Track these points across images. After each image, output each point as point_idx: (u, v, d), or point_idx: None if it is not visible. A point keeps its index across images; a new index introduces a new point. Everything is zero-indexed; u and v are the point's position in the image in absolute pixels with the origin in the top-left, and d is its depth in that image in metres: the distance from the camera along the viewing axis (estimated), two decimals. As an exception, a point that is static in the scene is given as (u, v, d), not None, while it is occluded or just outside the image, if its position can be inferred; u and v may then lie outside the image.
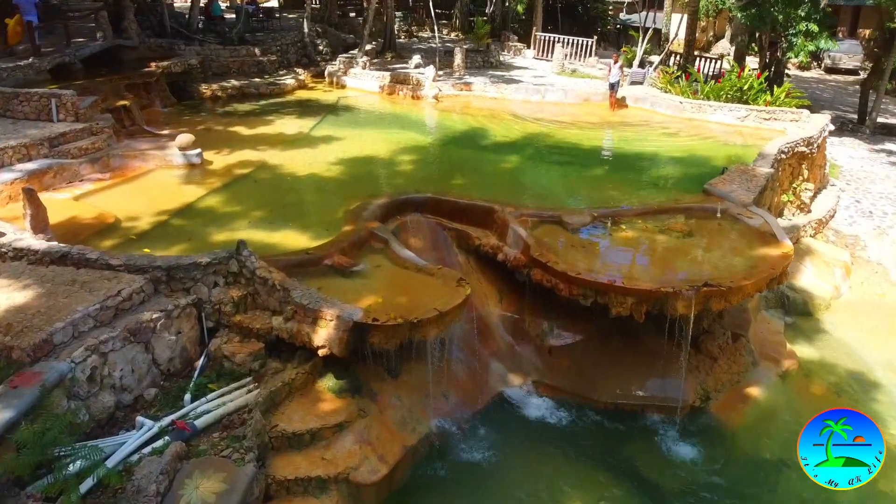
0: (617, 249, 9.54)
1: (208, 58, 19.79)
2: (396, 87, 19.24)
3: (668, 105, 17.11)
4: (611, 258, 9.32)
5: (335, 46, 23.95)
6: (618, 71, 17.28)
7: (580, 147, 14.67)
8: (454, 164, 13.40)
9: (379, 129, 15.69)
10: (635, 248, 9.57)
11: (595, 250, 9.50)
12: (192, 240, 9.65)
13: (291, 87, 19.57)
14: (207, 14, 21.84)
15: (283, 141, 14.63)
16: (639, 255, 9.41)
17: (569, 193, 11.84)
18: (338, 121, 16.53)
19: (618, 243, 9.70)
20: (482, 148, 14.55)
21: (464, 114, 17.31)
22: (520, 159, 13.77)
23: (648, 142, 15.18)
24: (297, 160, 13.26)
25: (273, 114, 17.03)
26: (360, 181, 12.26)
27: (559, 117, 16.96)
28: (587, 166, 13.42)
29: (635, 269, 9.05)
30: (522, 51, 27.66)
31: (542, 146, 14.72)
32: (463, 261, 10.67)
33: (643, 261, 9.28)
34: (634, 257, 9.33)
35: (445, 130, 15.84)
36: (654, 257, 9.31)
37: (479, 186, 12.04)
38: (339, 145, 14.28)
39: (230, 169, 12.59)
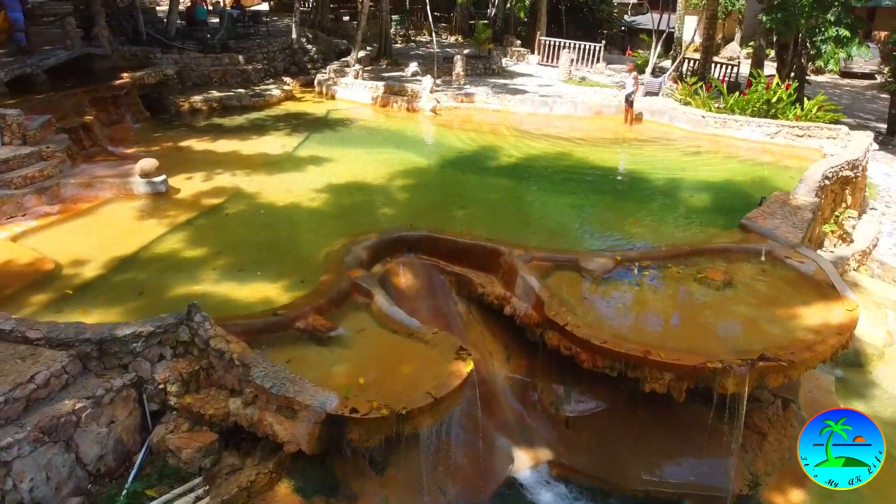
0: (646, 305, 8.02)
1: (187, 67, 18.30)
2: (390, 99, 17.74)
3: (689, 119, 15.59)
4: (639, 317, 7.80)
5: (327, 53, 22.46)
6: (633, 83, 15.77)
7: (594, 169, 13.16)
8: (453, 192, 11.88)
9: (370, 148, 14.18)
10: (668, 303, 8.05)
11: (621, 306, 7.98)
12: (145, 294, 8.14)
13: (278, 99, 18.07)
14: (190, 19, 20.33)
15: (263, 162, 13.13)
16: (673, 312, 7.89)
17: (584, 229, 10.32)
18: (325, 138, 15.02)
19: (647, 296, 8.18)
20: (484, 171, 13.03)
21: (464, 129, 15.80)
22: (527, 185, 12.26)
23: (669, 162, 13.66)
24: (276, 186, 11.76)
25: (255, 129, 15.54)
26: (345, 213, 10.77)
27: (569, 133, 15.46)
28: (603, 194, 11.90)
29: (669, 330, 7.55)
30: (526, 56, 26.19)
31: (552, 168, 13.21)
32: (463, 311, 9.20)
33: (678, 320, 7.77)
34: (668, 316, 7.82)
35: (444, 149, 14.33)
36: (691, 315, 7.79)
37: (482, 219, 10.54)
38: (325, 168, 12.79)
39: (199, 198, 11.08)
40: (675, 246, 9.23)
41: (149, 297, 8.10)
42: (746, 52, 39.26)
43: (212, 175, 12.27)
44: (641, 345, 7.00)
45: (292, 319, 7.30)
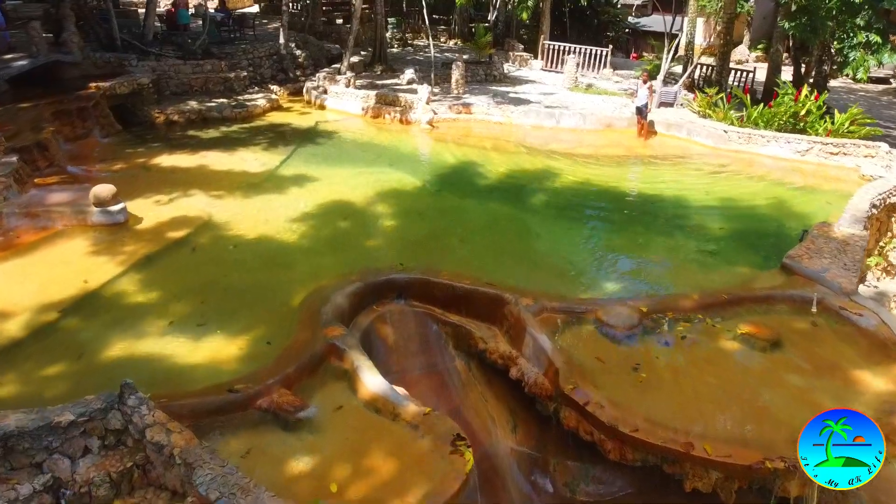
0: (680, 373, 6.70)
1: (165, 74, 16.99)
2: (382, 110, 16.42)
3: (709, 134, 14.27)
4: (674, 390, 6.48)
5: (317, 59, 21.15)
6: (646, 92, 14.46)
7: (607, 192, 11.85)
8: (450, 220, 10.56)
9: (359, 167, 12.87)
10: (707, 370, 6.74)
11: (650, 375, 6.66)
12: (85, 356, 6.84)
13: (262, 110, 16.75)
14: (172, 23, 19.00)
15: (240, 183, 11.82)
16: (713, 383, 6.57)
17: (600, 268, 9.00)
18: (311, 154, 13.71)
19: (680, 362, 6.87)
20: (485, 194, 11.72)
21: (463, 144, 14.48)
22: (533, 212, 10.96)
23: (689, 183, 12.35)
24: (252, 213, 10.45)
25: (235, 144, 14.22)
26: (328, 247, 9.46)
27: (578, 149, 14.15)
28: (619, 223, 10.59)
29: (711, 410, 6.22)
30: (529, 61, 24.87)
31: (560, 191, 11.91)
32: (461, 368, 7.91)
33: (721, 393, 6.45)
34: (708, 389, 6.50)
35: (440, 168, 13.01)
36: (736, 388, 6.48)
37: (483, 255, 9.24)
38: (308, 190, 11.48)
39: (164, 230, 9.76)
40: (709, 293, 7.91)
41: (88, 361, 6.80)
42: (755, 56, 38.08)
43: (182, 198, 10.98)
44: (680, 433, 5.69)
45: (253, 397, 5.99)
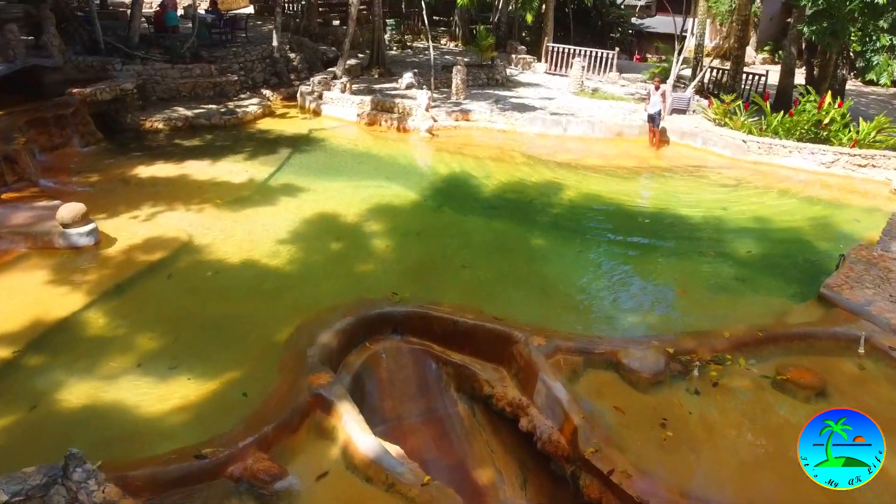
0: (716, 430, 5.87)
1: (152, 79, 16.17)
2: (379, 117, 15.59)
3: (727, 144, 13.44)
4: (711, 451, 5.64)
5: (312, 62, 20.32)
6: (659, 99, 13.61)
7: (620, 208, 11.02)
8: (451, 241, 9.72)
9: (354, 180, 12.04)
10: (745, 425, 5.91)
11: (683, 432, 5.82)
12: (39, 407, 6.03)
13: (253, 116, 15.91)
14: (160, 25, 18.16)
15: (226, 198, 10.99)
16: (754, 441, 5.74)
17: (617, 298, 8.15)
18: (303, 165, 12.88)
19: (715, 415, 6.04)
20: (489, 211, 10.88)
21: (464, 154, 13.64)
22: (541, 232, 10.13)
23: (707, 198, 11.53)
24: (236, 233, 9.63)
25: (223, 154, 13.37)
26: (318, 273, 8.64)
27: (587, 159, 13.32)
28: (634, 244, 9.77)
29: (755, 476, 5.39)
30: (532, 64, 24.03)
31: (570, 207, 11.08)
32: (464, 413, 7.12)
33: (763, 454, 5.62)
34: (750, 448, 5.66)
35: (440, 182, 12.16)
36: (780, 446, 5.64)
37: (487, 282, 8.42)
38: (298, 206, 10.65)
39: (138, 253, 8.93)
40: (742, 330, 7.08)
41: (43, 412, 6.00)
42: (762, 57, 37.28)
43: (162, 215, 10.17)
44: (724, 510, 4.86)
45: (224, 463, 5.17)
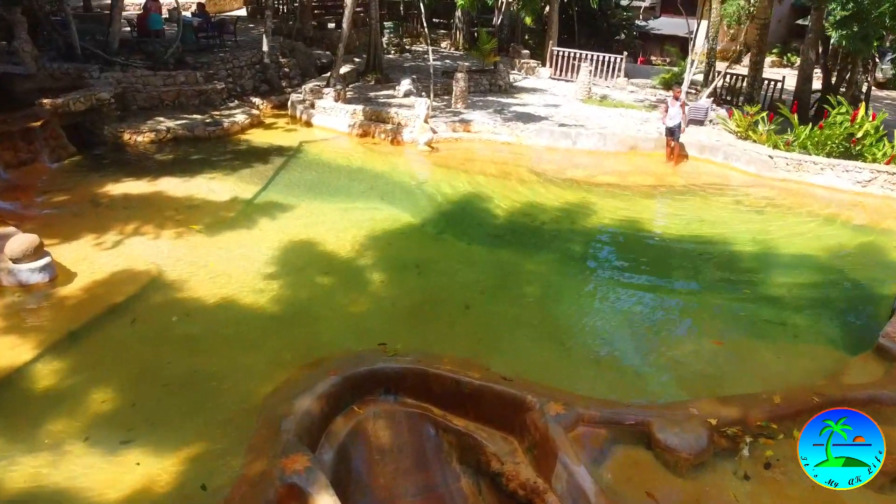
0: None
1: (132, 87, 15.13)
2: (372, 128, 14.56)
3: (751, 159, 12.41)
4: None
5: (306, 68, 19.28)
6: (679, 112, 12.57)
7: (638, 235, 9.99)
8: (453, 276, 8.69)
9: (347, 201, 11.02)
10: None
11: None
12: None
13: (240, 127, 14.86)
14: (143, 29, 17.11)
15: (205, 222, 9.97)
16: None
17: (643, 351, 7.11)
18: (291, 183, 11.85)
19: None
20: (495, 238, 9.85)
21: (466, 170, 12.60)
22: (553, 265, 9.08)
23: (735, 222, 10.51)
24: (213, 265, 8.60)
25: (205, 169, 12.33)
26: (302, 316, 7.62)
27: (599, 177, 12.29)
28: (657, 280, 8.75)
29: None
30: (536, 69, 23.02)
31: (583, 234, 10.05)
32: (468, 489, 6.13)
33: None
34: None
35: (441, 203, 11.11)
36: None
37: (495, 328, 7.39)
38: (285, 233, 9.62)
39: (99, 291, 7.90)
40: (794, 394, 6.05)
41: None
42: (771, 60, 36.29)
43: (132, 242, 9.16)
44: None
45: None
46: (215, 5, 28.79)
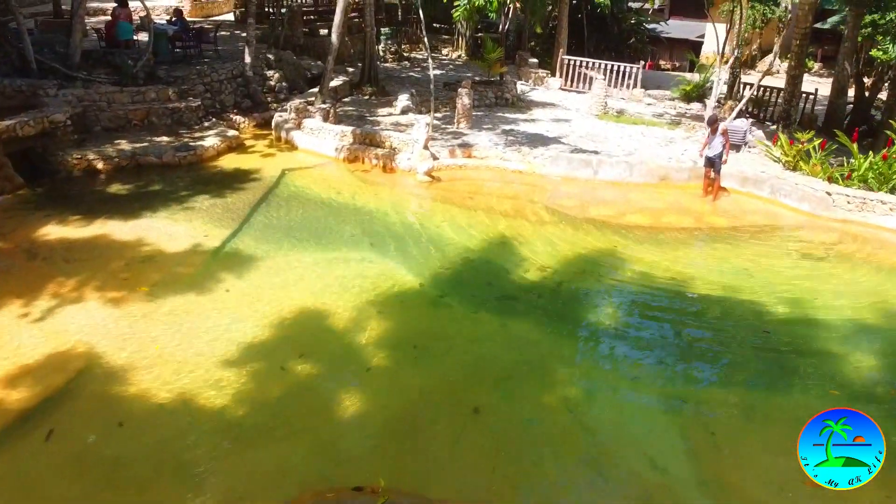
0: None
1: (95, 105, 13.42)
2: (363, 153, 12.84)
3: (804, 196, 10.69)
4: None
5: (294, 80, 17.55)
6: (721, 140, 10.81)
7: (681, 300, 8.26)
8: (457, 362, 6.97)
9: (331, 250, 9.33)
10: None
11: None
12: None
13: (216, 151, 13.13)
14: (110, 39, 15.37)
15: (161, 280, 8.28)
16: None
17: (709, 484, 5.40)
18: (268, 225, 10.13)
19: None
20: (506, 303, 8.12)
21: (472, 208, 10.88)
22: (578, 343, 7.39)
23: (792, 277, 8.80)
24: (163, 345, 6.91)
25: (170, 206, 10.62)
26: (265, 426, 5.93)
27: (628, 216, 10.58)
28: (712, 368, 7.03)
29: None
30: (545, 79, 21.28)
31: (614, 295, 8.35)
32: None
33: None
34: None
35: (443, 253, 9.33)
36: None
37: (510, 443, 5.70)
38: (255, 297, 7.92)
39: (9, 389, 6.21)
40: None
41: None
42: (788, 65, 34.61)
43: (65, 313, 7.47)
44: None
45: None
46: (203, 9, 27.08)
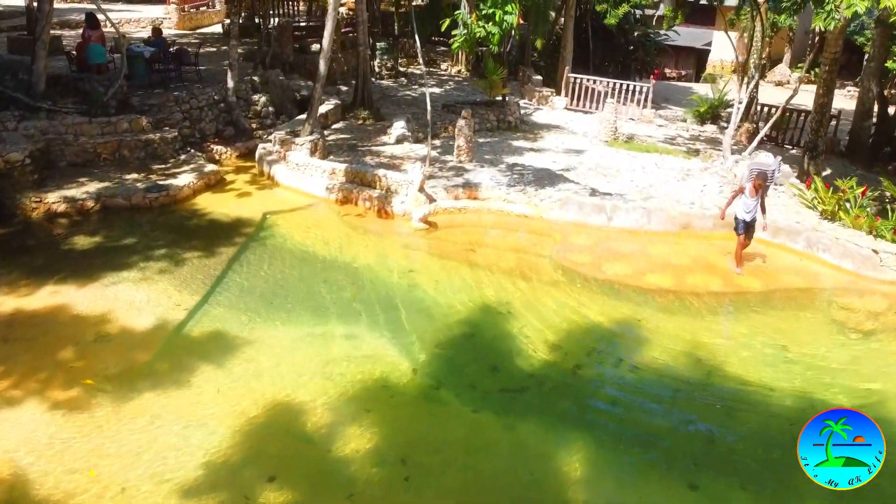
0: None
1: (60, 139, 12.26)
2: (355, 194, 11.67)
3: (846, 252, 9.51)
4: None
5: (281, 103, 16.36)
6: (756, 202, 9.33)
7: (708, 388, 7.10)
8: (455, 482, 5.82)
9: (313, 323, 8.16)
10: None
11: None
12: None
13: (192, 190, 11.94)
14: (81, 63, 14.15)
15: (112, 369, 7.13)
16: None
17: None
18: (242, 288, 8.94)
19: None
20: (510, 396, 6.94)
21: (473, 264, 9.70)
22: (598, 452, 6.19)
23: (840, 358, 7.63)
24: (98, 475, 5.75)
25: (134, 262, 9.42)
26: None
27: (648, 275, 9.40)
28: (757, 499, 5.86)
29: None
30: (550, 98, 20.12)
31: (638, 389, 7.18)
32: None
33: None
34: None
35: (438, 326, 8.09)
36: None
37: None
38: (218, 396, 6.75)
39: None
40: None
41: None
42: (798, 76, 33.48)
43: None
44: None
45: None
46: (192, 20, 25.96)
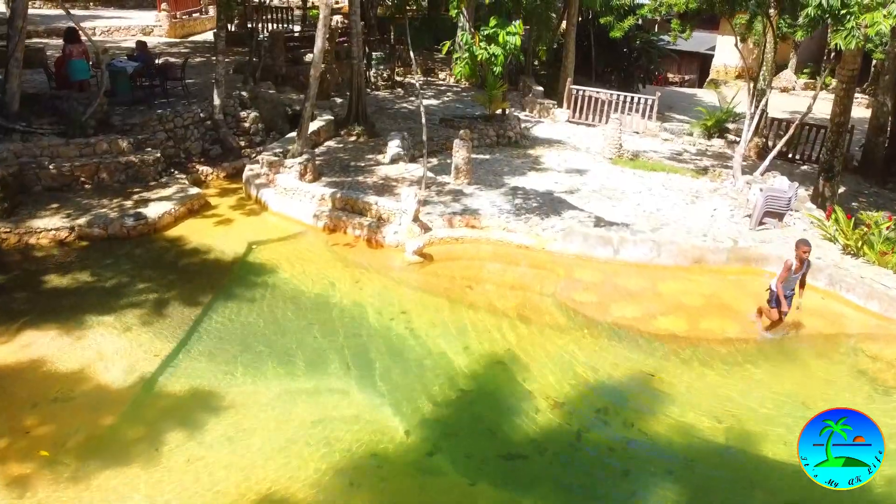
0: None
1: (36, 162, 11.62)
2: (345, 222, 11.03)
3: (871, 293, 8.85)
4: None
5: (272, 120, 15.71)
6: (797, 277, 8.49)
7: (726, 459, 6.45)
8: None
9: (296, 377, 7.50)
10: None
11: None
12: None
13: (173, 217, 11.27)
14: (61, 79, 13.46)
15: (68, 436, 6.46)
16: None
17: None
18: (222, 336, 8.26)
19: None
20: (511, 466, 6.28)
21: (470, 305, 9.03)
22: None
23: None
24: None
25: (108, 306, 8.72)
26: None
27: (659, 318, 8.73)
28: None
29: None
30: (551, 110, 19.49)
31: (645, 455, 6.51)
32: None
33: None
34: None
35: (431, 379, 7.43)
36: None
37: None
38: (187, 474, 6.08)
39: None
40: None
41: None
42: (803, 82, 32.86)
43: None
44: None
45: None
46: (183, 27, 25.33)
